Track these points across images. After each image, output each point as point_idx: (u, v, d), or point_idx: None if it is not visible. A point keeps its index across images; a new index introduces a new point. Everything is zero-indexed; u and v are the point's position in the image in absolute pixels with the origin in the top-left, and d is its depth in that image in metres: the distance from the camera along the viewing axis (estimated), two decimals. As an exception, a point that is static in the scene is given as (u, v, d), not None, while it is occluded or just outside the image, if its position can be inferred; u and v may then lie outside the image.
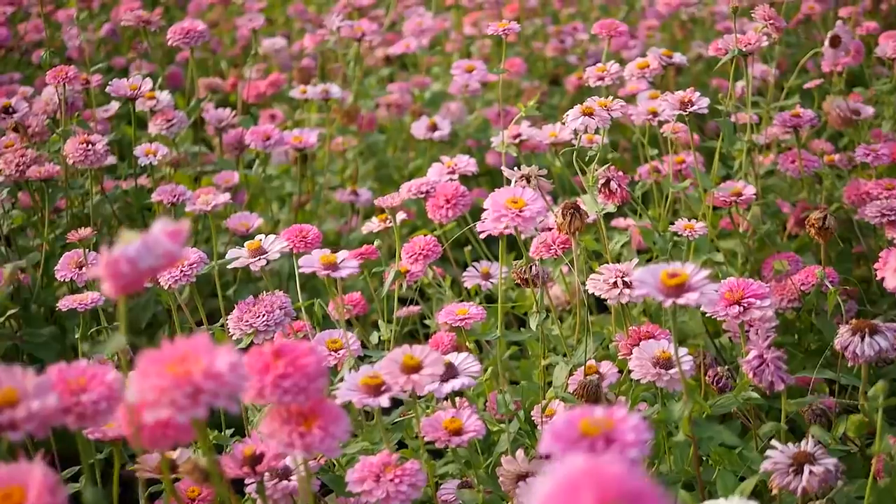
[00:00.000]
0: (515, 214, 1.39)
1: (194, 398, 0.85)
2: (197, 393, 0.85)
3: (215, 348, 0.88)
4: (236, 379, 0.87)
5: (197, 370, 0.86)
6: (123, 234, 0.90)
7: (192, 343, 0.89)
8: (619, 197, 1.84)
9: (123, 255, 0.87)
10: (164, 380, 0.85)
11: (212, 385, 0.86)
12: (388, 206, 1.47)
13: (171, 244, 0.89)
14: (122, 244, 0.89)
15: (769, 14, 2.14)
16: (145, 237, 0.89)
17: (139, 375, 0.87)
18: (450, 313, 1.65)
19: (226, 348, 0.89)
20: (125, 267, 0.87)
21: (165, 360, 0.87)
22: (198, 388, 0.86)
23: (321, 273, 1.39)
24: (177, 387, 0.85)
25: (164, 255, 0.89)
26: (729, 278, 1.50)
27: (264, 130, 2.32)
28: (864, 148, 2.28)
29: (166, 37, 2.46)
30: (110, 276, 0.88)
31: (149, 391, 0.85)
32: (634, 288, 1.20)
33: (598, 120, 1.67)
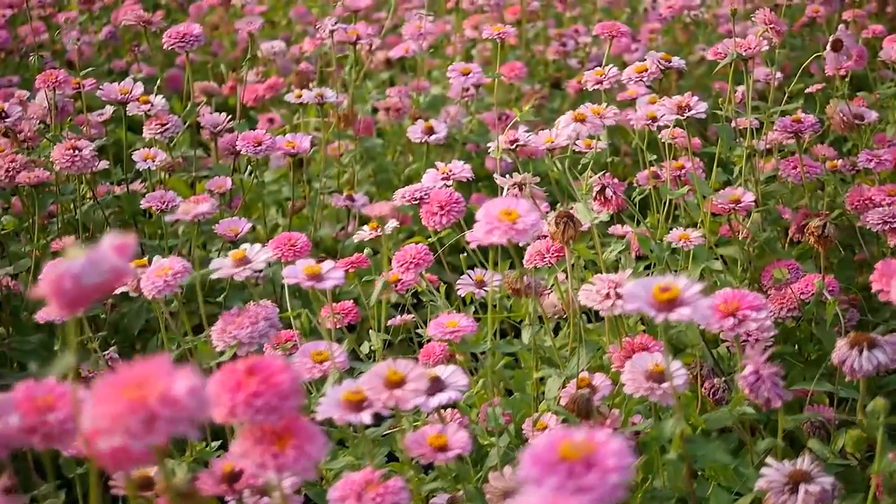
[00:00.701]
0: (508, 227, 1.35)
1: (150, 425, 0.82)
2: (152, 419, 0.82)
3: (175, 371, 0.85)
4: (196, 404, 0.83)
5: (153, 395, 0.82)
6: (69, 250, 0.87)
7: (151, 366, 0.86)
8: (615, 204, 1.81)
9: (67, 272, 0.84)
10: (119, 405, 0.82)
11: (168, 411, 0.82)
12: (376, 216, 1.44)
13: (117, 260, 0.85)
14: (66, 260, 0.86)
15: (770, 18, 2.11)
16: (90, 253, 0.86)
17: (94, 400, 0.84)
18: (439, 325, 1.62)
19: (186, 371, 0.85)
20: (69, 284, 0.83)
21: (122, 383, 0.84)
22: (153, 415, 0.82)
23: (305, 284, 1.36)
24: (131, 413, 0.81)
25: (111, 272, 0.85)
26: (724, 289, 1.46)
27: (255, 136, 2.28)
28: (866, 153, 2.24)
29: (162, 40, 2.44)
30: (54, 295, 0.84)
31: (102, 418, 0.82)
32: (625, 302, 1.16)
33: (590, 127, 1.63)
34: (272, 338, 1.49)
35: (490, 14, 3.69)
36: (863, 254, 2.35)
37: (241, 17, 4.38)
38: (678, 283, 1.17)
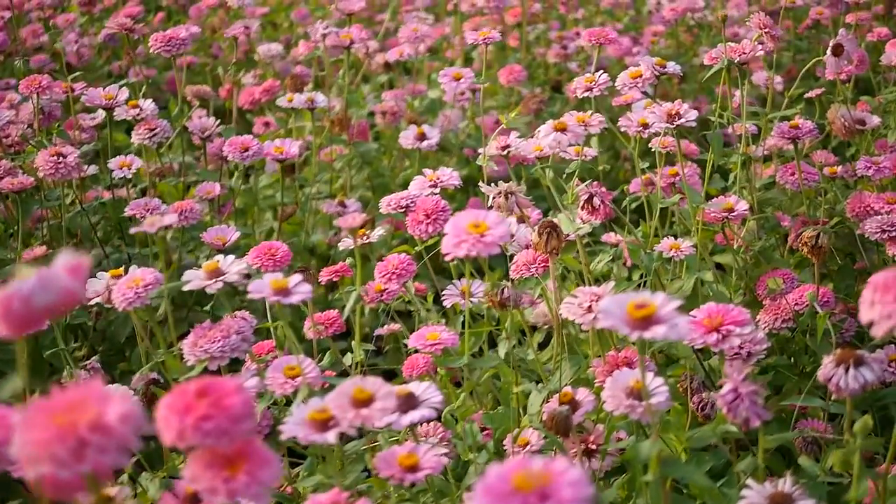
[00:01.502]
0: (476, 240, 1.31)
1: (78, 453, 0.78)
2: (82, 447, 0.78)
3: (109, 396, 0.81)
4: (128, 431, 0.80)
5: (83, 422, 0.79)
6: (20, 270, 0.83)
7: (84, 390, 0.82)
8: (603, 213, 1.77)
9: (17, 292, 0.80)
10: (47, 432, 0.78)
11: (99, 438, 0.79)
12: (348, 227, 1.40)
13: (70, 280, 0.82)
14: (16, 280, 0.82)
15: (765, 22, 2.06)
16: (41, 273, 0.82)
17: (23, 426, 0.80)
18: (420, 337, 1.58)
19: (120, 396, 0.81)
20: (18, 305, 0.80)
21: (53, 409, 0.80)
22: (83, 442, 0.78)
23: (271, 299, 1.32)
24: (59, 440, 0.78)
25: (63, 293, 0.82)
26: (708, 304, 1.42)
27: (242, 141, 2.25)
28: (865, 160, 2.20)
29: (149, 44, 2.40)
30: (2, 316, 0.81)
31: (30, 444, 0.78)
32: (599, 319, 1.12)
33: (571, 137, 1.59)
34: (243, 352, 1.44)
35: (490, 16, 3.65)
36: (863, 262, 2.31)
37: (242, 18, 4.36)
38: (654, 300, 1.13)
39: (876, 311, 1.09)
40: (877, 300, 1.09)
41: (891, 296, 1.08)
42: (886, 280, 1.09)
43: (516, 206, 1.73)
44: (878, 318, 1.08)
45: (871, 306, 1.09)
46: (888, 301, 1.08)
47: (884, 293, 1.09)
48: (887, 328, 1.07)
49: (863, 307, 1.11)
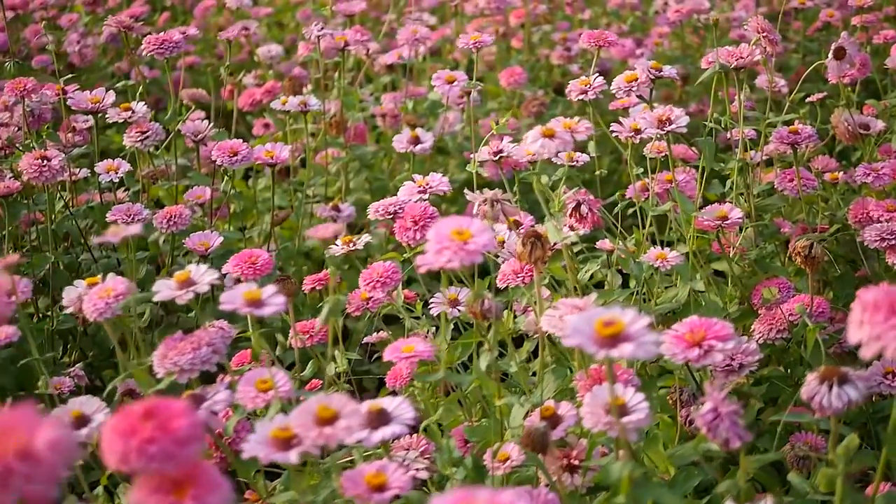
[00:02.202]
0: (459, 247, 1.27)
1: (4, 481, 0.75)
2: (7, 475, 0.75)
3: (39, 423, 0.78)
4: (58, 458, 0.76)
5: (10, 449, 0.76)
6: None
7: (15, 415, 0.79)
8: (591, 221, 1.73)
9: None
10: (-30, 460, 0.75)
11: (26, 467, 0.75)
12: (320, 238, 1.36)
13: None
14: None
15: (762, 27, 2.02)
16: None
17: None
18: (395, 350, 1.54)
19: (51, 422, 0.78)
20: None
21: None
22: (9, 470, 0.75)
23: (243, 311, 1.28)
24: (-17, 468, 0.75)
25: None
26: (691, 317, 1.38)
27: (231, 146, 2.22)
28: (864, 167, 2.15)
29: (141, 46, 2.38)
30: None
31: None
32: (566, 337, 1.08)
33: (559, 143, 1.55)
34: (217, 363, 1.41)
35: (493, 18, 3.61)
36: (864, 270, 2.26)
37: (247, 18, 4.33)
38: (624, 317, 1.09)
39: (864, 332, 1.04)
40: (865, 320, 1.04)
41: (880, 315, 1.04)
42: (876, 298, 1.05)
43: (502, 214, 1.69)
44: (866, 340, 1.04)
45: (859, 326, 1.05)
46: (877, 321, 1.03)
47: (873, 313, 1.04)
48: (876, 350, 1.03)
49: (851, 327, 1.06)
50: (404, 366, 1.60)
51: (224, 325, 1.63)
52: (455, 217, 1.31)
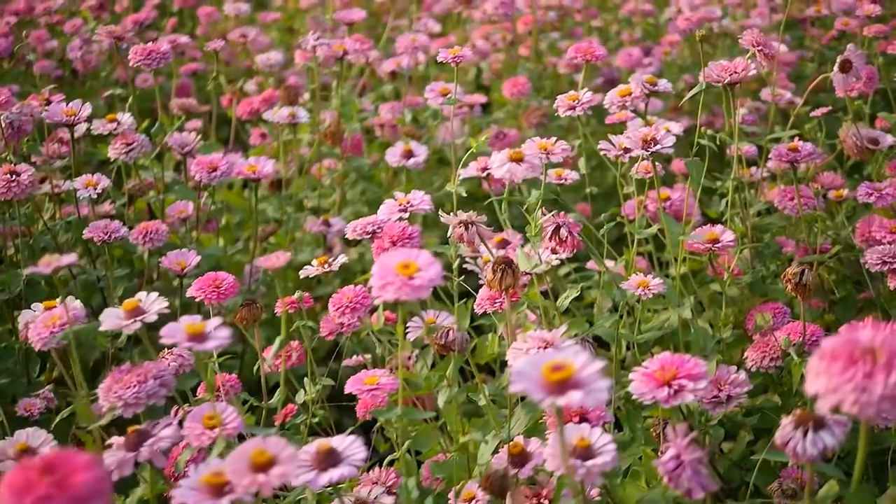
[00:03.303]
0: (403, 282, 1.20)
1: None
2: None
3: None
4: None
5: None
6: None
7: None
8: (571, 245, 1.66)
9: None
10: None
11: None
12: (271, 268, 1.29)
13: None
14: None
15: (758, 40, 1.93)
16: None
17: None
18: (357, 382, 1.48)
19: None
20: None
21: None
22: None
23: (184, 345, 1.22)
24: None
25: None
26: (662, 354, 1.30)
27: (210, 160, 2.15)
28: (866, 186, 2.07)
29: (128, 57, 2.32)
30: None
31: None
32: (511, 383, 1.01)
33: (527, 168, 1.47)
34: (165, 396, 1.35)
35: (500, 25, 3.54)
36: (869, 292, 2.18)
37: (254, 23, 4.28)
38: (574, 361, 1.02)
39: (821, 383, 0.97)
40: (822, 370, 0.97)
41: (838, 366, 0.96)
42: (834, 347, 0.98)
43: (477, 236, 1.62)
44: (822, 392, 0.96)
45: (816, 377, 0.97)
46: (834, 372, 0.96)
47: (830, 363, 0.97)
48: (833, 403, 0.95)
49: (808, 376, 0.99)
50: (367, 399, 1.53)
51: (183, 353, 1.57)
52: (402, 249, 1.24)
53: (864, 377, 0.95)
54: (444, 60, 1.87)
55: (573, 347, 1.34)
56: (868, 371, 0.95)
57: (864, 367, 0.95)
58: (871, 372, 0.95)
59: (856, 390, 0.95)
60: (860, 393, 0.94)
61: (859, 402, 0.94)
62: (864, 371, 0.95)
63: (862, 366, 0.95)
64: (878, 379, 0.94)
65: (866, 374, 0.95)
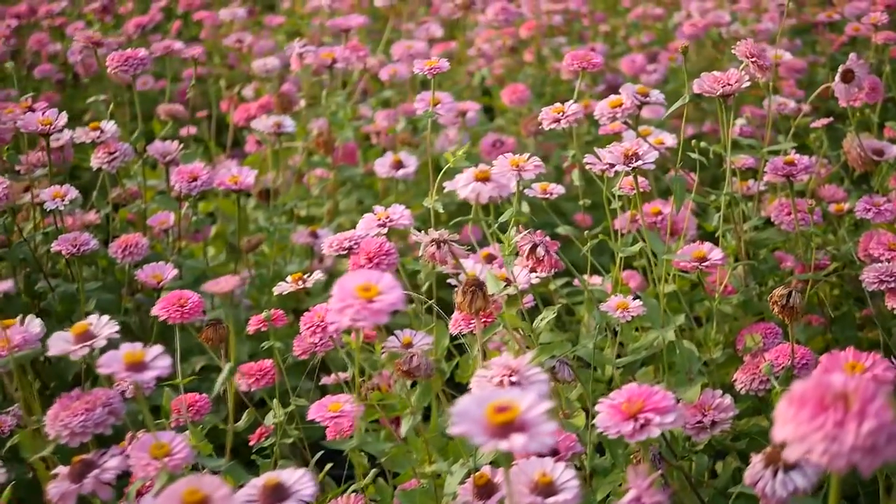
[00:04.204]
0: (362, 306, 1.15)
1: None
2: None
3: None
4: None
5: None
6: None
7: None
8: (549, 264, 1.59)
9: None
10: None
11: None
12: (218, 293, 1.24)
13: None
14: None
15: (751, 51, 1.87)
16: None
17: None
18: (320, 408, 1.42)
19: None
20: None
21: None
22: None
23: (121, 376, 1.16)
24: None
25: None
26: (629, 385, 1.24)
27: (191, 170, 2.10)
28: (864, 202, 1.99)
29: (106, 63, 2.27)
30: None
31: None
32: (453, 424, 0.95)
33: (493, 187, 1.41)
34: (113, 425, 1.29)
35: (502, 30, 3.47)
36: (869, 309, 2.10)
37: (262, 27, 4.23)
38: (520, 402, 0.96)
39: (788, 431, 0.90)
40: (790, 417, 0.90)
41: (806, 412, 0.89)
42: (804, 392, 0.91)
43: (450, 255, 1.56)
44: (790, 439, 0.90)
45: (783, 424, 0.91)
46: (802, 420, 0.89)
47: (798, 409, 0.90)
48: (801, 452, 0.89)
49: (776, 422, 0.92)
50: (332, 426, 1.47)
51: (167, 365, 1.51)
52: (363, 271, 1.19)
53: (834, 426, 0.88)
54: (419, 72, 1.80)
55: (537, 377, 1.29)
56: (839, 419, 0.88)
57: (835, 414, 0.88)
58: (842, 420, 0.88)
59: (825, 440, 0.88)
60: (830, 443, 0.88)
61: (829, 452, 0.87)
62: (834, 419, 0.88)
63: (832, 413, 0.88)
64: (849, 428, 0.88)
65: (837, 422, 0.88)
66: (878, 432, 0.86)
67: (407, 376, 1.39)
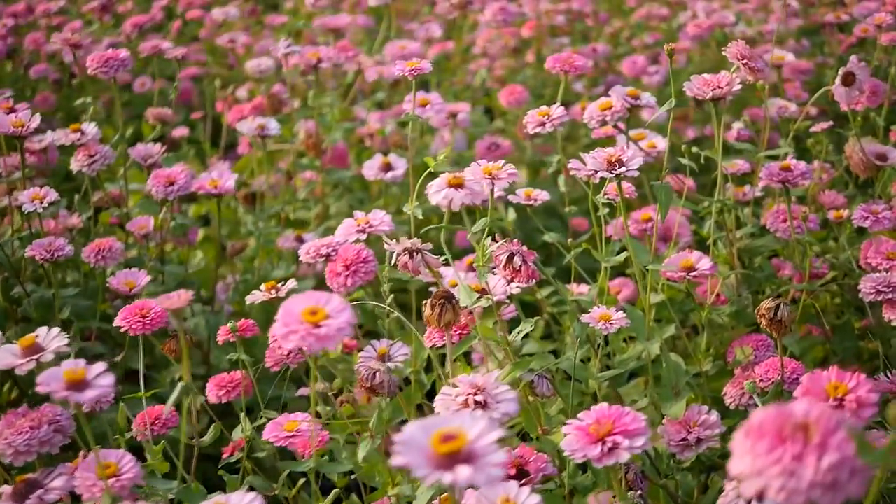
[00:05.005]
0: (308, 331, 1.09)
1: None
2: None
3: None
4: None
5: None
6: None
7: None
8: (526, 275, 1.53)
9: None
10: None
11: None
12: (168, 308, 1.18)
13: None
14: None
15: (743, 53, 1.80)
16: None
17: None
18: (276, 427, 1.36)
19: None
20: None
21: None
22: None
23: (58, 396, 1.10)
24: None
25: None
26: (599, 405, 1.18)
27: (168, 174, 2.04)
28: (862, 209, 1.92)
29: (86, 64, 2.22)
30: None
31: None
32: (396, 454, 0.89)
33: (466, 194, 1.35)
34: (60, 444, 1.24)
35: (503, 30, 3.41)
36: (868, 319, 2.03)
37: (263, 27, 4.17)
38: (468, 430, 0.89)
39: (745, 464, 0.84)
40: (747, 450, 0.84)
41: (763, 445, 0.83)
42: (762, 423, 0.84)
43: (423, 265, 1.50)
44: (746, 474, 0.83)
45: (740, 457, 0.84)
46: (760, 453, 0.83)
47: (755, 441, 0.84)
48: (757, 488, 0.82)
49: (733, 454, 0.86)
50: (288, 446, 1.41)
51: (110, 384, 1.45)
52: (311, 292, 1.12)
53: (792, 459, 0.82)
54: (401, 73, 1.74)
55: (505, 396, 1.22)
56: (798, 452, 0.82)
57: (794, 447, 0.82)
58: (801, 453, 0.82)
59: (783, 475, 0.81)
60: (787, 478, 0.81)
61: (786, 488, 0.81)
62: (793, 452, 0.82)
63: (791, 446, 0.82)
64: (808, 462, 0.81)
65: (795, 455, 0.82)
66: (840, 467, 0.79)
67: (371, 394, 1.33)
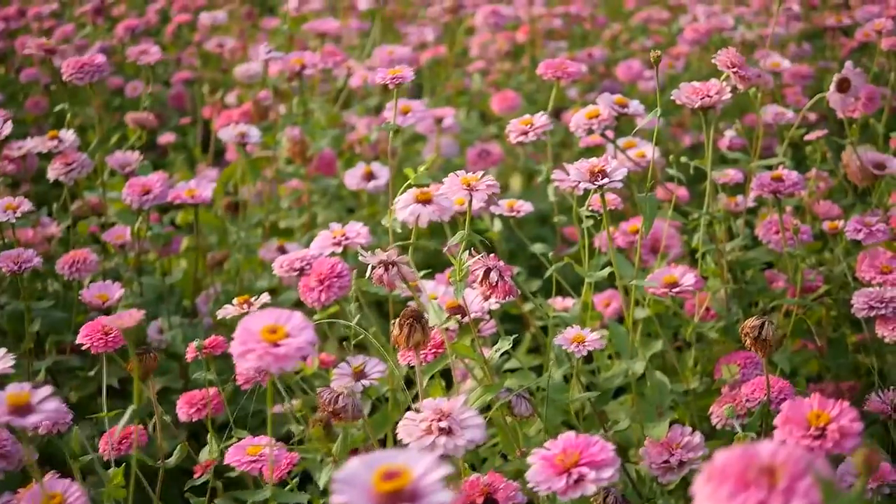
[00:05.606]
0: (266, 350, 1.04)
1: None
2: None
3: None
4: None
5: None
6: None
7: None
8: (503, 290, 1.47)
9: None
10: None
11: None
12: (119, 327, 1.12)
13: None
14: None
15: (732, 61, 1.74)
16: None
17: None
18: (239, 450, 1.30)
19: None
20: None
21: None
22: None
23: (2, 420, 1.05)
24: None
25: None
26: (566, 434, 1.12)
27: (143, 183, 1.99)
28: (855, 221, 1.86)
29: (61, 69, 2.17)
30: None
31: None
32: (334, 492, 0.83)
33: (434, 210, 1.29)
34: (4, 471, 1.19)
35: (498, 34, 3.36)
36: (864, 334, 1.97)
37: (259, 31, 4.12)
38: (414, 466, 0.84)
39: (709, 509, 0.78)
40: (707, 495, 0.78)
41: (725, 490, 0.77)
42: (725, 465, 0.79)
43: (399, 278, 1.45)
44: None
45: (701, 502, 0.79)
46: (721, 498, 0.77)
47: (717, 485, 0.78)
48: (719, 536, 0.77)
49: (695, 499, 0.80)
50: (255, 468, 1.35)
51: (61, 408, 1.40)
52: (272, 310, 1.07)
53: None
54: (382, 81, 1.69)
55: (471, 421, 1.17)
56: (762, 499, 0.76)
57: (758, 493, 0.76)
58: (765, 500, 0.76)
59: (745, 523, 0.76)
60: (750, 528, 0.76)
61: (749, 539, 0.76)
62: (757, 498, 0.76)
63: (755, 491, 0.76)
64: (773, 509, 0.76)
65: (760, 502, 0.76)
66: (807, 515, 0.74)
67: (334, 418, 1.27)
